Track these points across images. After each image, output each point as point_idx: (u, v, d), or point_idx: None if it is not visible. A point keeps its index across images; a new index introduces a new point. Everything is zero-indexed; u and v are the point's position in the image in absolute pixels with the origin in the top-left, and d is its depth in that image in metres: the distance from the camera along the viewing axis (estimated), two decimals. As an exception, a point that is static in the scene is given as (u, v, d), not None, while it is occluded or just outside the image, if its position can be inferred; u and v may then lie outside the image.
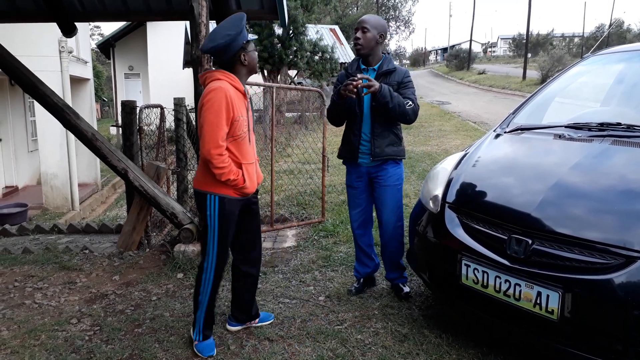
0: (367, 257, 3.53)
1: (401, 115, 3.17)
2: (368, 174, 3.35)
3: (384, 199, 3.35)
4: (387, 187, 3.33)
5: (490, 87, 28.74)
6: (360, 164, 3.33)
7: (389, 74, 3.25)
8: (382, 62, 3.29)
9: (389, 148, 3.26)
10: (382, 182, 3.32)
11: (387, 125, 3.26)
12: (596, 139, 2.74)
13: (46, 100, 4.39)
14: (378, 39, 3.22)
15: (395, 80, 3.24)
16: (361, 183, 3.40)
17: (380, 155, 3.24)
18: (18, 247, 4.90)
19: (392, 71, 3.25)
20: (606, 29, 42.93)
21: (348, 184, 3.48)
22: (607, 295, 2.07)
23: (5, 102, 11.44)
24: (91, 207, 11.57)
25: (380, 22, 3.25)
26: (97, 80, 28.41)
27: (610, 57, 3.69)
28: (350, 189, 3.47)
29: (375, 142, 3.24)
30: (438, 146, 10.41)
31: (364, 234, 3.51)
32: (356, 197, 3.45)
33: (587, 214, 2.33)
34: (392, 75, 3.25)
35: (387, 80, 3.22)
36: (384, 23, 3.30)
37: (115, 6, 5.07)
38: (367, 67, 3.30)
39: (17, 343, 2.95)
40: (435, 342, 2.82)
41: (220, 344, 2.88)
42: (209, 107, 2.53)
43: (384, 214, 3.38)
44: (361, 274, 3.55)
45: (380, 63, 3.29)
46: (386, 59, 3.31)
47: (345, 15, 38.88)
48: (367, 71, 3.29)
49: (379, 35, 3.21)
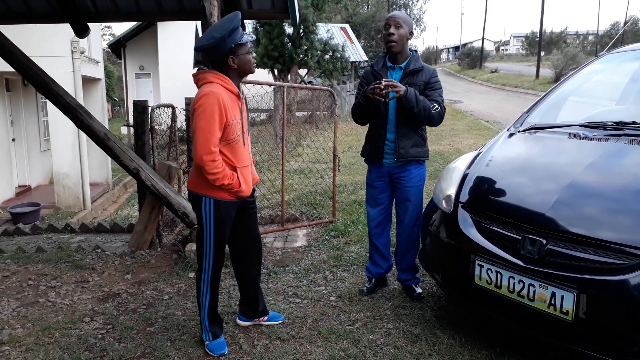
0: (382, 258, 3.50)
1: (427, 119, 3.15)
2: (390, 174, 3.32)
3: (406, 199, 3.32)
4: (410, 188, 3.30)
5: (502, 86, 28.55)
6: (383, 164, 3.30)
7: (415, 73, 3.20)
8: (409, 61, 3.23)
9: (413, 149, 3.24)
10: (404, 183, 3.29)
11: (412, 126, 3.22)
12: (611, 138, 2.70)
13: (59, 100, 4.42)
14: (408, 36, 3.18)
15: (422, 80, 3.20)
16: (382, 182, 3.37)
17: (404, 156, 3.22)
18: (31, 245, 4.95)
19: (419, 70, 3.21)
20: (621, 27, 42.46)
21: (369, 183, 3.45)
22: (622, 296, 2.04)
23: (18, 102, 11.56)
24: (102, 207, 11.66)
25: (409, 18, 3.23)
26: (109, 80, 28.60)
27: (626, 55, 3.63)
28: (371, 188, 3.43)
29: (399, 142, 3.21)
30: (450, 145, 10.35)
31: (382, 233, 3.48)
32: (376, 196, 3.41)
33: (602, 214, 2.30)
34: (419, 75, 3.20)
35: (414, 80, 3.18)
36: (411, 20, 3.27)
37: (127, 7, 5.10)
38: (393, 64, 3.25)
39: (31, 341, 2.98)
40: (448, 343, 2.80)
41: (232, 343, 2.89)
42: (200, 113, 2.50)
43: (405, 215, 3.35)
44: (373, 274, 3.53)
45: (407, 61, 3.24)
46: (413, 57, 3.26)
47: (356, 14, 38.82)
48: (394, 69, 3.24)
49: (409, 31, 3.18)
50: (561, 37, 49.11)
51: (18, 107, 11.54)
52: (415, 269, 3.48)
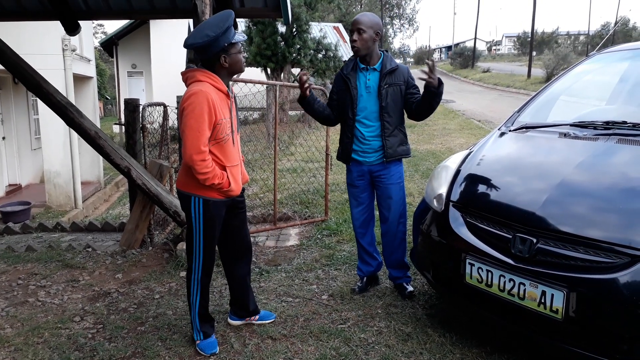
0: (370, 256, 3.52)
1: (429, 112, 3.21)
2: (370, 172, 3.34)
3: (388, 197, 3.34)
4: (391, 185, 3.32)
5: (494, 86, 28.65)
6: (362, 162, 3.31)
7: (392, 72, 3.21)
8: (384, 61, 3.23)
9: (400, 148, 3.28)
10: (385, 181, 3.32)
11: (396, 125, 3.25)
12: (602, 137, 2.72)
13: (49, 99, 4.39)
14: (375, 38, 3.16)
15: (402, 80, 3.22)
16: (362, 182, 3.38)
17: (393, 155, 3.25)
18: (21, 245, 4.92)
19: (395, 69, 3.22)
20: (612, 27, 42.77)
21: (349, 183, 3.46)
22: (612, 294, 2.06)
23: (9, 101, 11.47)
24: (94, 206, 11.59)
25: (375, 19, 3.18)
26: (100, 79, 28.46)
27: (616, 55, 3.66)
28: (352, 187, 3.45)
29: (387, 142, 3.23)
30: (442, 145, 10.37)
31: (365, 232, 3.50)
32: (358, 196, 3.43)
33: (592, 212, 2.31)
34: (395, 74, 3.22)
35: (393, 80, 3.20)
36: (378, 20, 3.23)
37: (119, 4, 5.06)
38: (366, 66, 3.24)
39: (20, 341, 2.95)
40: (439, 341, 2.81)
41: (223, 342, 2.88)
42: (189, 112, 2.48)
43: (388, 213, 3.37)
44: (364, 272, 3.54)
45: (381, 62, 3.24)
46: (386, 57, 3.26)
47: (349, 13, 38.80)
48: (367, 70, 3.23)
49: (375, 33, 3.15)
50: (553, 37, 49.38)
51: (8, 105, 11.45)
52: (406, 266, 3.49)
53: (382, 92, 3.19)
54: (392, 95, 3.21)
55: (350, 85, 3.24)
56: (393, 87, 3.20)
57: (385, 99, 3.19)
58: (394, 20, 49.44)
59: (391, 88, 3.20)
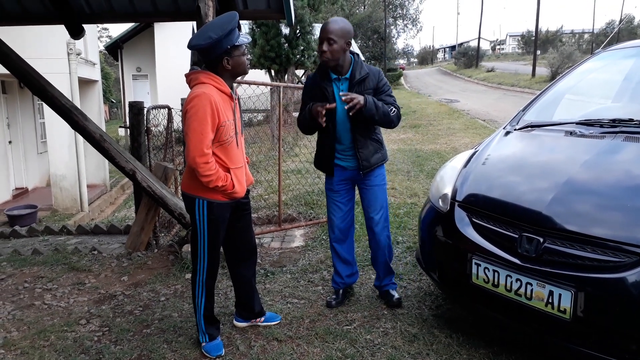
0: (348, 266, 3.37)
1: (387, 124, 3.07)
2: (353, 177, 3.23)
3: (373, 200, 3.23)
4: (376, 187, 3.22)
5: (499, 85, 28.58)
6: (346, 167, 3.20)
7: (362, 81, 3.04)
8: (353, 69, 3.05)
9: (374, 157, 3.15)
10: (369, 183, 3.20)
11: (367, 135, 3.12)
12: (608, 135, 2.70)
13: (54, 102, 4.41)
14: (345, 47, 2.96)
15: (371, 87, 3.06)
16: (343, 186, 3.26)
17: (368, 167, 3.13)
18: (28, 248, 4.93)
19: (365, 77, 3.05)
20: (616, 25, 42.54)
21: (329, 188, 3.29)
22: (620, 293, 2.04)
23: (14, 105, 11.53)
24: (100, 208, 11.63)
25: (345, 28, 2.97)
26: (105, 82, 28.56)
27: (621, 53, 3.63)
28: (332, 192, 3.28)
29: (360, 154, 3.10)
30: (447, 144, 10.34)
31: (345, 240, 3.35)
32: (339, 201, 3.27)
33: (599, 211, 2.29)
34: (366, 82, 3.05)
35: (362, 88, 3.03)
36: (350, 27, 3.03)
37: (122, 7, 5.08)
38: (338, 75, 3.05)
39: (26, 344, 2.96)
40: (446, 342, 2.79)
41: (229, 344, 2.88)
42: (192, 114, 2.47)
43: (376, 215, 3.25)
44: (340, 285, 3.38)
45: (351, 70, 3.05)
46: (356, 63, 3.06)
47: (352, 14, 38.85)
48: (339, 80, 3.06)
49: (345, 43, 2.96)
50: (557, 36, 49.27)
51: (14, 110, 11.51)
52: (392, 272, 3.40)
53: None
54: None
55: (328, 97, 3.06)
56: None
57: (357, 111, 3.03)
58: (397, 21, 49.32)
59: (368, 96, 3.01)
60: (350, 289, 3.50)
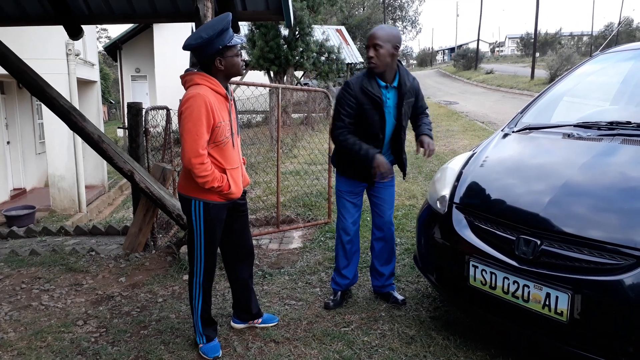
0: (351, 268, 3.36)
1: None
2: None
3: (387, 199, 3.28)
4: (391, 187, 3.28)
5: (498, 87, 28.61)
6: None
7: (409, 89, 3.08)
8: (401, 77, 3.06)
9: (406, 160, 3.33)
10: (387, 183, 3.24)
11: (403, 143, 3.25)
12: (606, 138, 2.70)
13: (53, 103, 4.40)
14: (393, 52, 2.94)
15: (414, 95, 3.15)
16: (361, 188, 3.28)
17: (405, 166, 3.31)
18: (25, 249, 4.92)
19: (411, 84, 3.11)
20: (615, 28, 42.62)
21: (348, 190, 3.24)
22: (617, 296, 2.04)
23: (13, 105, 11.51)
24: (98, 209, 11.62)
25: (393, 32, 2.96)
26: (104, 83, 28.54)
27: (620, 56, 3.64)
28: (351, 195, 3.25)
29: (405, 159, 3.27)
30: (446, 146, 10.35)
31: (355, 241, 3.34)
32: (354, 204, 3.27)
33: (596, 213, 2.29)
34: (410, 90, 3.10)
35: (409, 97, 3.09)
36: (397, 33, 3.00)
37: (121, 8, 5.08)
38: (386, 84, 3.03)
39: (23, 345, 2.95)
40: (443, 344, 2.79)
41: (226, 345, 2.87)
42: (187, 116, 2.47)
43: (386, 216, 3.28)
44: (342, 286, 3.38)
45: (398, 79, 3.05)
46: (402, 71, 3.08)
47: (352, 15, 38.85)
48: (387, 89, 3.04)
49: (393, 47, 2.93)
50: (556, 38, 49.31)
51: (13, 110, 11.50)
52: (393, 274, 3.42)
53: (403, 112, 3.07)
54: (408, 113, 3.15)
55: (380, 104, 3.01)
56: (409, 105, 3.12)
57: (404, 119, 3.11)
58: (396, 23, 49.38)
59: (407, 106, 3.11)
60: (348, 290, 3.50)
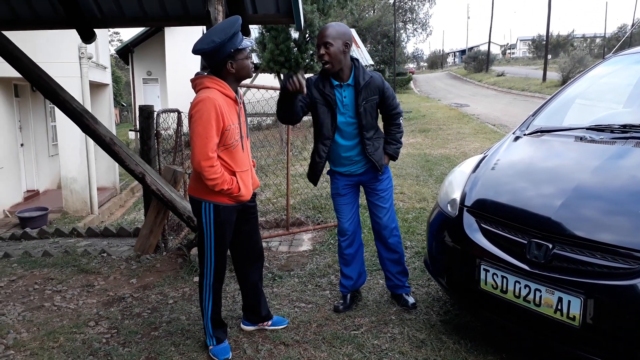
0: (356, 267, 3.36)
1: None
2: (360, 181, 3.23)
3: (383, 202, 3.23)
4: (387, 190, 3.24)
5: (509, 89, 28.45)
6: (349, 174, 3.19)
7: (367, 85, 3.00)
8: (356, 75, 3.00)
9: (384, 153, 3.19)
10: (379, 185, 3.21)
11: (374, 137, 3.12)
12: (619, 141, 2.67)
13: (66, 106, 4.45)
14: (344, 49, 2.91)
15: (377, 92, 3.04)
16: (349, 190, 3.25)
17: (382, 164, 3.14)
18: (38, 250, 4.97)
19: (370, 81, 3.01)
20: (629, 29, 42.22)
21: (335, 193, 3.26)
22: (630, 301, 2.01)
23: (27, 108, 11.66)
24: (110, 211, 11.71)
25: (342, 29, 2.93)
26: (116, 86, 28.78)
27: (633, 58, 3.60)
28: (339, 197, 3.25)
29: (374, 157, 3.10)
30: (456, 149, 10.30)
31: (354, 241, 3.32)
32: (345, 205, 3.26)
33: (609, 217, 2.27)
34: (370, 86, 3.01)
35: (369, 94, 3.01)
36: (346, 30, 2.97)
37: (133, 12, 5.12)
38: (340, 82, 3.00)
39: (36, 345, 2.98)
40: (454, 348, 2.77)
41: (236, 347, 2.88)
42: (197, 119, 2.49)
43: (385, 218, 3.25)
44: (350, 288, 3.35)
45: (353, 76, 3.01)
46: (357, 68, 3.01)
47: (362, 18, 38.86)
48: (342, 87, 3.01)
49: (344, 45, 2.90)
50: (568, 40, 49.00)
51: (26, 113, 11.64)
52: (407, 274, 3.39)
53: (361, 110, 3.01)
54: (369, 111, 3.04)
55: (331, 103, 3.01)
56: (370, 103, 3.03)
57: (364, 117, 3.02)
58: (407, 25, 49.28)
59: (368, 104, 3.02)
60: (358, 293, 3.50)
